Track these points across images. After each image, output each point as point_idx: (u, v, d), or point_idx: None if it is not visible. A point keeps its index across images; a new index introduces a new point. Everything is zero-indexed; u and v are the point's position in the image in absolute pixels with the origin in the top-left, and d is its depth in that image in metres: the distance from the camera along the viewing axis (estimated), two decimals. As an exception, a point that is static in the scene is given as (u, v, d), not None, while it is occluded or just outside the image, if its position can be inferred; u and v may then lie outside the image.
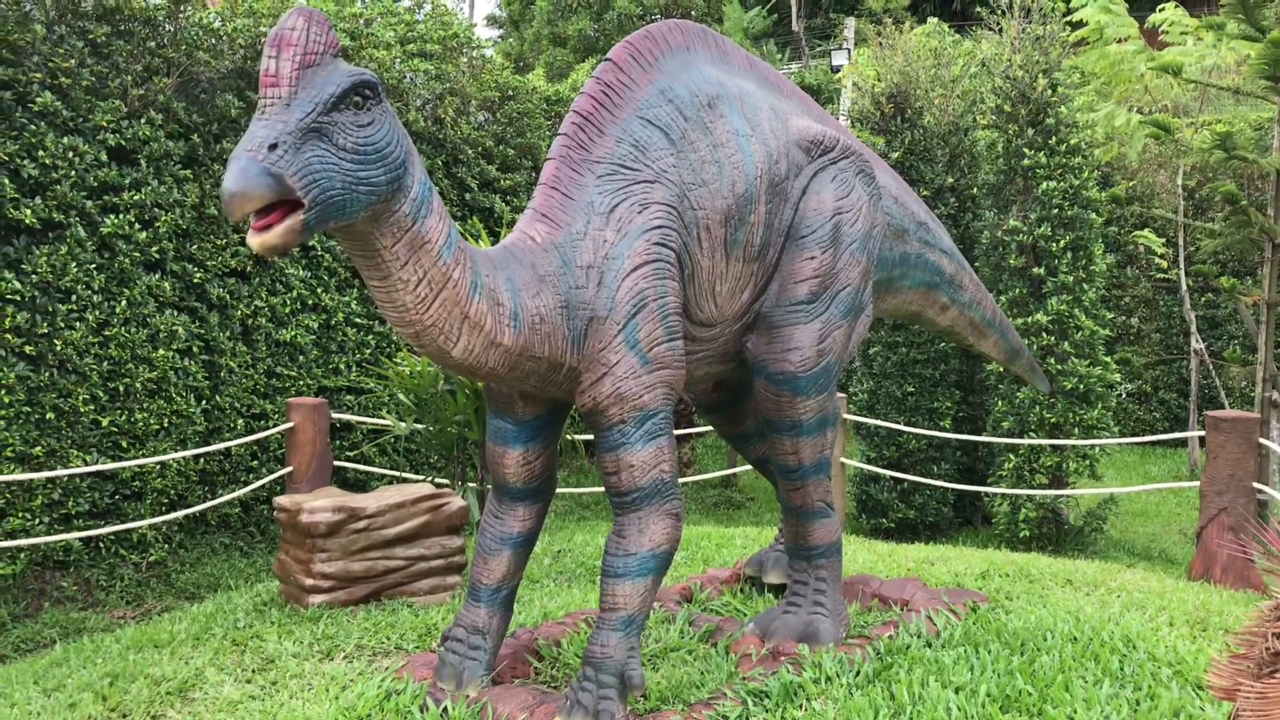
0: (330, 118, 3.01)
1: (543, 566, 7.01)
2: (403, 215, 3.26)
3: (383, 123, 3.15)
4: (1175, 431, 13.91)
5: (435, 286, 3.37)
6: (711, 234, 4.09)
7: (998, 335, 5.88)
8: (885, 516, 10.24)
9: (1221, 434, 7.34)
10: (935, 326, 5.69)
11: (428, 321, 3.41)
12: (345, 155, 3.03)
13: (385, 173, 3.14)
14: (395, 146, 3.18)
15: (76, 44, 7.80)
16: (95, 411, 7.83)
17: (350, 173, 3.04)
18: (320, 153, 2.97)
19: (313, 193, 2.94)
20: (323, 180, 2.96)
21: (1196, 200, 14.07)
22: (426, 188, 3.35)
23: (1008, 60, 9.64)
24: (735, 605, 5.35)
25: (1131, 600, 5.58)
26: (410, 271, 3.33)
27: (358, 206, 3.09)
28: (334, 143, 3.01)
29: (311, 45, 3.02)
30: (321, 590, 5.68)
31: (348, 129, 3.04)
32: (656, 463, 3.88)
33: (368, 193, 3.10)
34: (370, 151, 3.09)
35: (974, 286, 5.63)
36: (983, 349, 5.94)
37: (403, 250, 3.29)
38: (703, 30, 4.46)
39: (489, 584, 4.23)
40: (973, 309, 5.63)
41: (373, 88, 3.10)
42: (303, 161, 2.92)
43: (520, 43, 26.75)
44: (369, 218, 3.19)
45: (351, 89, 3.04)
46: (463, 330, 3.47)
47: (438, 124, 10.73)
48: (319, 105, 2.98)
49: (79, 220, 7.77)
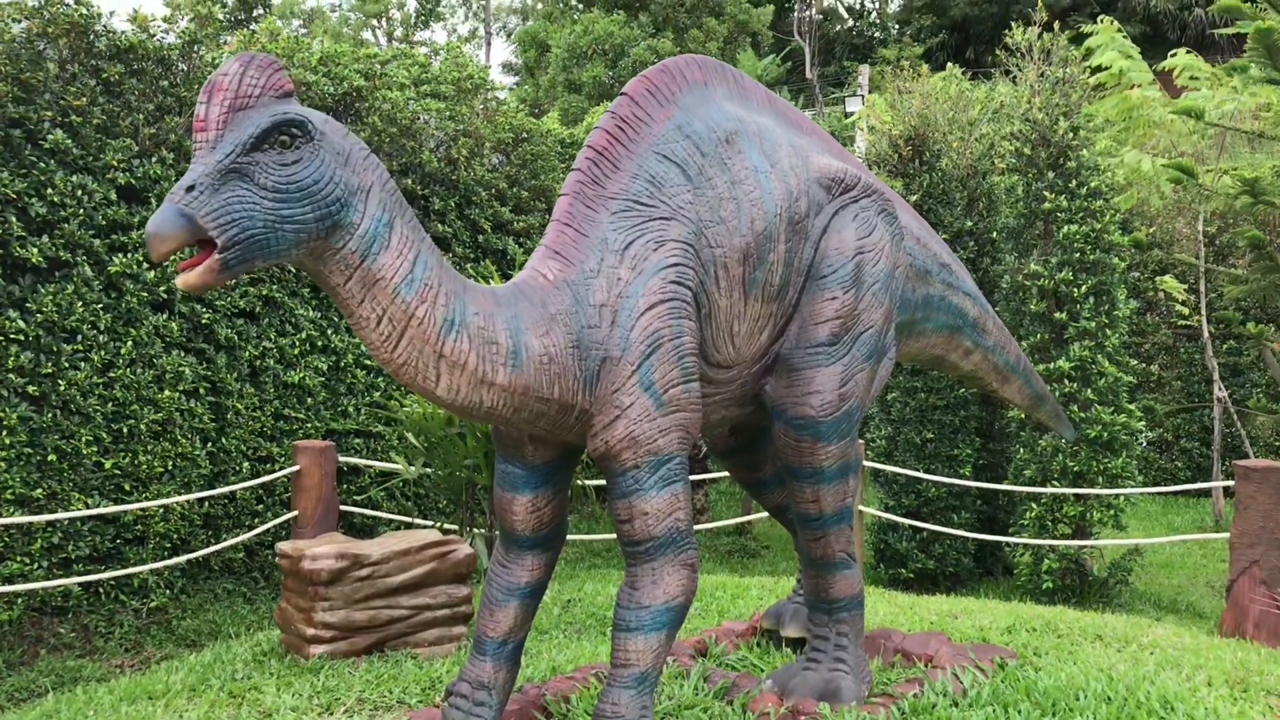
0: (251, 158, 3.01)
1: (552, 617, 6.81)
2: (349, 252, 3.20)
3: (311, 161, 3.11)
4: (1198, 481, 13.66)
5: (397, 324, 3.29)
6: (729, 273, 3.94)
7: (1022, 380, 5.70)
8: (904, 566, 10.01)
9: (1252, 484, 7.13)
10: (958, 371, 5.52)
11: (399, 360, 3.34)
12: (266, 194, 3.03)
13: (313, 210, 3.10)
14: (326, 184, 3.13)
15: (89, 82, 7.76)
16: (98, 453, 7.70)
17: (272, 211, 3.03)
18: (240, 193, 2.99)
19: (230, 232, 2.96)
20: (242, 219, 2.98)
21: (1217, 246, 13.91)
22: (380, 224, 3.25)
23: (1027, 103, 9.53)
24: (752, 660, 5.15)
25: (1165, 658, 5.35)
26: (368, 309, 3.26)
27: (285, 244, 3.08)
28: (255, 182, 3.02)
29: (244, 89, 3.05)
30: (323, 640, 5.49)
31: (269, 168, 3.04)
32: (671, 510, 3.71)
33: (295, 231, 3.08)
34: (294, 190, 3.07)
35: (998, 330, 5.46)
36: (1006, 395, 5.76)
37: (355, 288, 3.23)
38: (720, 65, 4.34)
39: (495, 637, 4.04)
40: (997, 353, 5.46)
41: (300, 126, 3.07)
42: (219, 202, 2.95)
43: (535, 89, 26.93)
44: (310, 255, 3.16)
45: (273, 128, 3.03)
46: (440, 369, 3.37)
47: (451, 165, 10.67)
48: (239, 146, 2.99)
49: (86, 259, 7.68)
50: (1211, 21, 25.77)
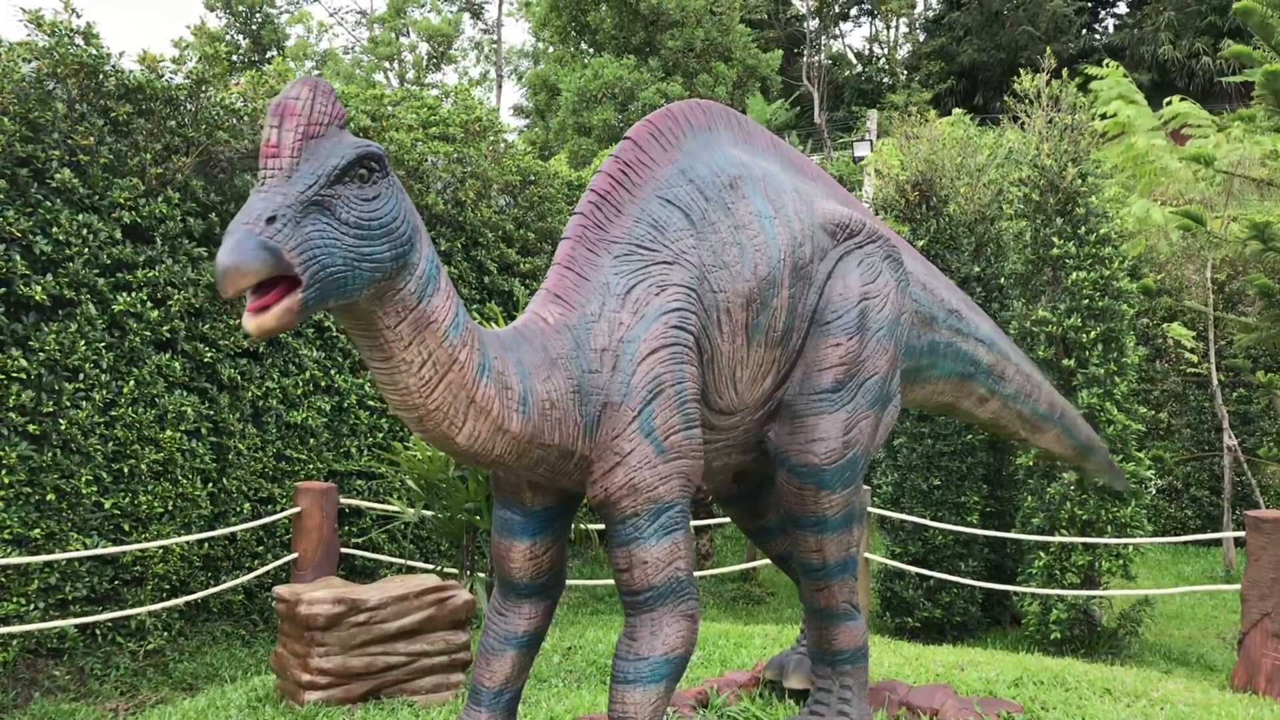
0: (333, 190, 2.86)
1: (551, 664, 6.71)
2: (408, 294, 3.09)
3: (389, 197, 2.99)
4: (1208, 530, 13.50)
5: (440, 369, 3.19)
6: (732, 318, 3.90)
7: (1059, 430, 5.55)
8: (910, 615, 9.89)
9: (1263, 535, 7.03)
10: (976, 419, 5.43)
11: (432, 405, 3.22)
12: (348, 230, 2.87)
13: (390, 249, 2.98)
14: (401, 222, 3.02)
15: (97, 122, 7.78)
16: (98, 493, 7.64)
17: (353, 248, 2.88)
18: (321, 227, 2.82)
19: (312, 269, 2.78)
20: (323, 256, 2.80)
21: (1227, 293, 13.85)
22: (434, 265, 3.18)
23: (1035, 149, 9.52)
24: (754, 712, 5.05)
25: (1177, 714, 5.24)
26: (414, 353, 3.15)
27: (360, 284, 2.92)
28: (336, 217, 2.86)
29: (316, 115, 2.88)
30: (318, 686, 5.41)
31: (351, 203, 2.89)
32: (672, 559, 3.64)
33: (371, 269, 2.94)
34: (375, 226, 2.94)
35: (1021, 378, 5.32)
36: (1043, 445, 5.63)
37: (406, 330, 3.12)
38: (725, 110, 4.33)
39: (491, 687, 3.97)
40: (1020, 401, 5.33)
41: (379, 160, 2.96)
42: (302, 236, 2.76)
43: (545, 132, 27.11)
44: (372, 296, 3.02)
45: (356, 160, 2.90)
46: (469, 415, 3.28)
47: (458, 207, 10.68)
48: (321, 177, 2.83)
49: (90, 298, 7.67)
50: (1220, 70, 25.89)
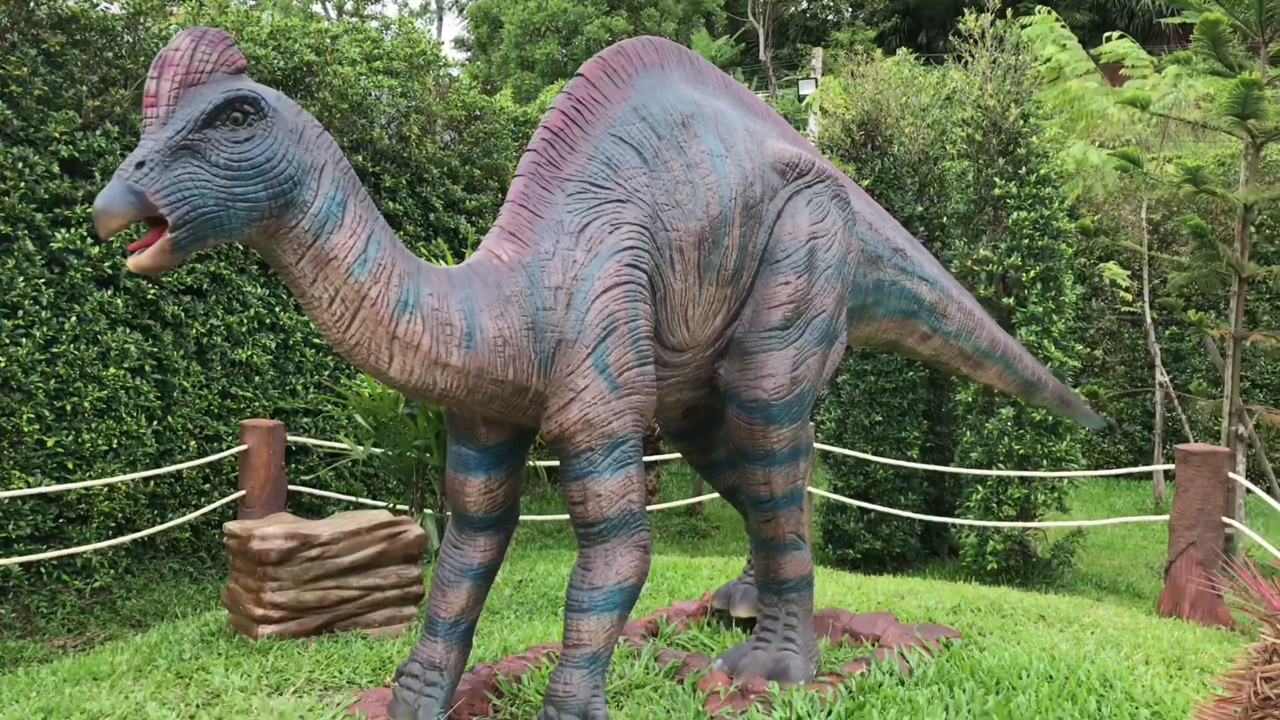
0: (203, 134, 2.98)
1: (503, 597, 6.81)
2: (301, 231, 3.19)
3: (264, 138, 3.09)
4: (1139, 464, 13.92)
5: (350, 305, 3.28)
6: (685, 256, 3.95)
7: (1000, 366, 5.67)
8: (852, 547, 10.12)
9: (1191, 468, 7.28)
10: (918, 355, 5.54)
11: (351, 340, 3.33)
12: (219, 171, 3.00)
13: (265, 189, 3.08)
14: (279, 161, 3.11)
15: (29, 52, 7.58)
16: (40, 431, 7.56)
17: (224, 189, 3.01)
18: (191, 170, 2.96)
19: (180, 210, 2.93)
20: (193, 197, 2.95)
21: (1161, 234, 14.15)
22: (334, 203, 3.23)
23: (979, 90, 9.61)
24: (702, 640, 5.19)
25: (1105, 637, 5.47)
26: (320, 289, 3.25)
27: (237, 223, 3.05)
28: (206, 159, 2.99)
29: (196, 64, 3.01)
30: (272, 620, 5.45)
31: (221, 145, 3.01)
32: (625, 492, 3.73)
33: (247, 209, 3.06)
34: (246, 167, 3.05)
35: (963, 316, 5.43)
36: (985, 380, 5.76)
37: (308, 267, 3.22)
38: (677, 48, 4.34)
39: (447, 617, 4.05)
40: (962, 338, 5.44)
41: (253, 103, 3.06)
42: (170, 179, 2.92)
43: (488, 66, 26.70)
44: (262, 233, 3.15)
45: (225, 104, 3.01)
46: (393, 350, 3.37)
47: (403, 142, 10.57)
48: (190, 122, 2.96)
49: (28, 233, 7.52)
50: (1159, 10, 26.11)
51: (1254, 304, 13.70)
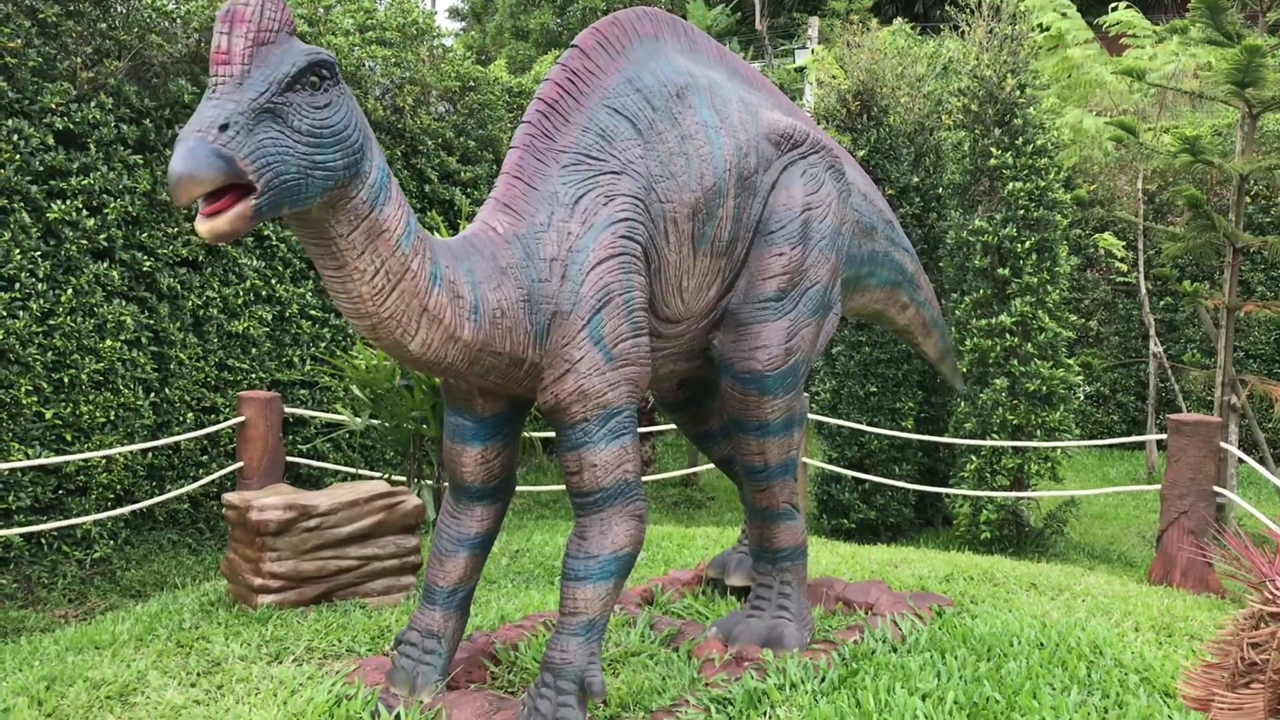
0: (285, 98, 2.87)
1: (500, 567, 6.87)
2: (360, 202, 3.12)
3: (340, 105, 3.01)
4: (1132, 434, 13.99)
5: (393, 277, 3.24)
6: (679, 228, 3.97)
7: (939, 334, 5.97)
8: (846, 517, 10.19)
9: (1183, 437, 7.33)
10: (893, 325, 5.69)
11: (385, 314, 3.28)
12: (300, 138, 2.89)
13: (342, 157, 3.01)
14: (353, 130, 3.05)
15: (24, 23, 7.54)
16: (38, 403, 7.59)
17: (306, 156, 2.90)
18: (274, 135, 2.83)
19: (265, 176, 2.80)
20: (276, 164, 2.83)
21: (1157, 204, 14.16)
22: (385, 174, 3.21)
23: (975, 60, 9.59)
24: (697, 608, 5.25)
25: (1096, 605, 5.53)
26: (367, 261, 3.19)
27: (313, 192, 2.96)
28: (289, 124, 2.87)
29: (266, 22, 2.87)
30: (271, 590, 5.51)
31: (303, 110, 2.91)
32: (620, 462, 3.76)
33: (324, 178, 2.97)
34: (327, 134, 2.96)
35: (927, 286, 5.71)
36: (925, 348, 6.00)
37: (359, 239, 3.16)
38: (672, 19, 4.34)
39: (445, 586, 4.09)
40: (925, 308, 5.68)
41: (330, 67, 2.96)
42: (255, 143, 2.78)
43: (482, 35, 26.54)
44: (325, 204, 3.06)
45: (308, 68, 2.91)
46: (421, 323, 3.34)
47: (397, 113, 10.54)
48: (273, 85, 2.84)
49: (23, 206, 7.52)
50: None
51: (1248, 274, 13.72)
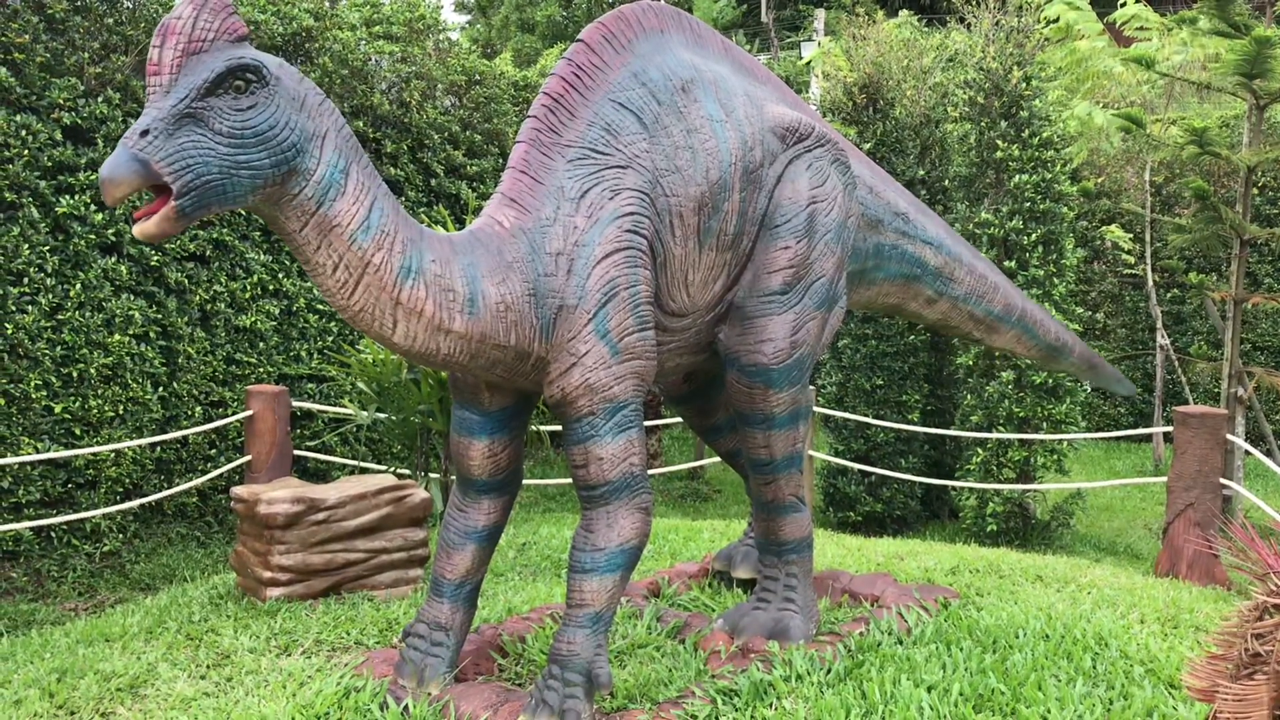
0: (206, 103, 3.01)
1: (507, 559, 6.89)
2: (305, 199, 3.23)
3: (267, 106, 3.12)
4: (1139, 427, 13.98)
5: (354, 271, 3.32)
6: (684, 222, 3.98)
7: (1018, 331, 5.64)
8: (853, 510, 10.20)
9: (1189, 430, 7.33)
10: (925, 320, 5.51)
11: (355, 307, 3.37)
12: (222, 139, 3.03)
13: (268, 157, 3.11)
14: (281, 129, 3.14)
15: (32, 19, 7.57)
16: (48, 398, 7.62)
17: (228, 157, 3.04)
18: (195, 138, 2.99)
19: (185, 178, 2.96)
20: (196, 165, 2.98)
21: (1164, 196, 14.13)
22: (336, 170, 3.27)
23: (981, 52, 9.58)
24: (703, 601, 5.27)
25: (1102, 597, 5.54)
26: (324, 255, 3.29)
27: (241, 190, 3.09)
28: (210, 127, 3.02)
29: (197, 33, 3.03)
30: (279, 583, 5.53)
31: (225, 113, 3.04)
32: (626, 456, 3.77)
33: (250, 177, 3.09)
34: (249, 135, 3.07)
35: (974, 279, 5.38)
36: (1001, 346, 5.70)
37: (312, 234, 3.26)
38: (677, 13, 4.35)
39: (452, 579, 4.12)
40: (972, 302, 5.39)
41: (255, 71, 3.08)
42: (174, 146, 2.95)
43: (488, 28, 26.57)
44: (266, 201, 3.18)
45: (228, 73, 3.03)
46: (397, 316, 3.42)
47: (403, 108, 10.55)
48: (193, 90, 2.99)
49: (32, 200, 7.55)
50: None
51: (1255, 266, 13.70)
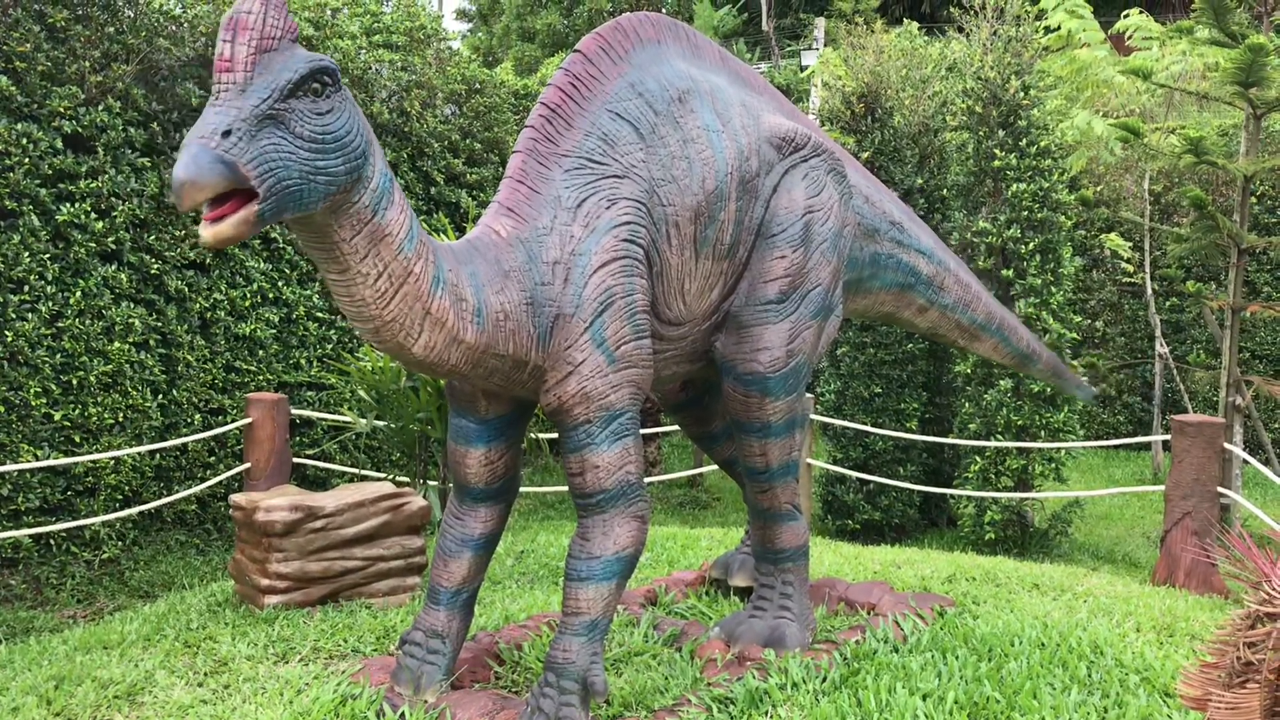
0: (287, 104, 2.91)
1: (505, 567, 6.91)
2: (363, 207, 3.17)
3: (342, 110, 3.06)
4: (1138, 435, 13.99)
5: (396, 281, 3.28)
6: (681, 231, 4.00)
7: (996, 339, 5.73)
8: (851, 518, 10.21)
9: (1187, 438, 7.34)
10: (915, 328, 5.59)
11: (388, 317, 3.32)
12: (303, 144, 2.94)
13: (344, 162, 3.05)
14: (355, 135, 3.09)
15: (33, 28, 7.60)
16: (47, 405, 7.64)
17: (308, 162, 2.95)
18: (277, 140, 2.88)
19: (268, 182, 2.85)
20: (279, 169, 2.87)
21: (1162, 205, 14.15)
22: (387, 179, 3.25)
23: (979, 61, 9.61)
24: (700, 609, 5.27)
25: (1098, 605, 5.55)
26: (370, 265, 3.23)
27: (315, 197, 3.00)
28: (291, 130, 2.92)
29: (269, 29, 2.92)
30: (277, 591, 5.54)
31: (305, 116, 2.95)
32: (623, 464, 3.79)
33: (326, 183, 3.01)
34: (329, 140, 3.00)
35: (960, 289, 5.44)
36: (981, 352, 5.81)
37: (362, 243, 3.20)
38: (674, 23, 4.37)
39: (449, 586, 4.13)
40: (958, 311, 5.47)
41: (332, 74, 3.01)
42: (258, 149, 2.83)
43: (489, 37, 26.60)
44: (328, 209, 3.10)
45: (310, 75, 2.95)
46: (424, 326, 3.38)
47: (403, 116, 10.59)
48: (276, 91, 2.88)
49: (33, 209, 7.58)
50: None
51: (1254, 275, 13.72)
